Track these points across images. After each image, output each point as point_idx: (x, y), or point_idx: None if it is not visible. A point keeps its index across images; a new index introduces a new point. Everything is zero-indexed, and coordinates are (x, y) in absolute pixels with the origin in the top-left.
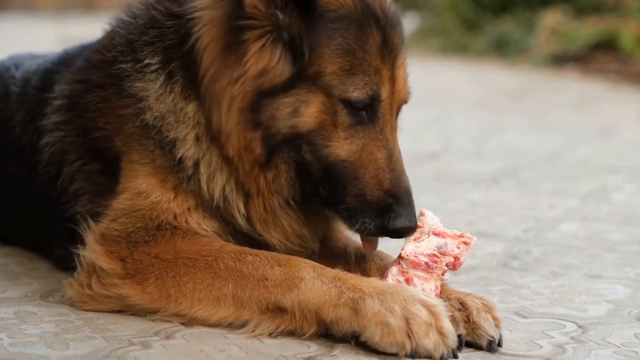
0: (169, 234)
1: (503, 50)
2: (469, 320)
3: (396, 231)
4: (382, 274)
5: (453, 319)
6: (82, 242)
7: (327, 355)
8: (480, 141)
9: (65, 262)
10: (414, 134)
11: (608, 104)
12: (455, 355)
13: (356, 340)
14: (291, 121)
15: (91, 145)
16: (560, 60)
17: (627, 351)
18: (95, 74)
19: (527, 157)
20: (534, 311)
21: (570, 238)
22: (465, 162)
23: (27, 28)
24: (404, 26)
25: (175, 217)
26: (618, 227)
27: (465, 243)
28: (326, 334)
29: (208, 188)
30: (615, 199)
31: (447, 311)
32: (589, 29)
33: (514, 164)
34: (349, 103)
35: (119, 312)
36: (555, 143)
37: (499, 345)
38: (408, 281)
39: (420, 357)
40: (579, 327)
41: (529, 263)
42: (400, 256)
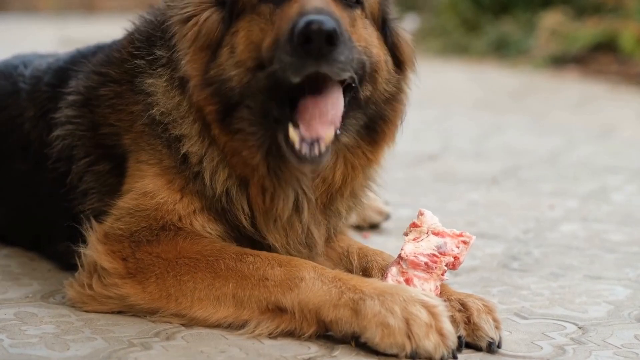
0: (172, 234)
1: (503, 51)
2: (469, 322)
3: (303, 33)
4: (383, 274)
5: (453, 320)
6: (84, 241)
7: (327, 356)
8: (480, 141)
9: (67, 259)
10: (414, 134)
11: (608, 104)
12: (455, 356)
13: (356, 341)
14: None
15: (99, 141)
16: (561, 61)
17: (628, 352)
18: (113, 69)
19: (527, 157)
20: (534, 312)
21: (571, 239)
22: (466, 162)
23: (27, 29)
24: (404, 26)
25: (180, 219)
26: (618, 228)
27: (465, 242)
28: (326, 335)
29: (211, 183)
30: (616, 199)
31: (447, 312)
32: (589, 30)
33: (514, 164)
34: None
35: (119, 313)
36: (555, 143)
37: (498, 347)
38: (408, 281)
39: (420, 358)
40: (579, 328)
41: (529, 264)
42: (399, 256)
